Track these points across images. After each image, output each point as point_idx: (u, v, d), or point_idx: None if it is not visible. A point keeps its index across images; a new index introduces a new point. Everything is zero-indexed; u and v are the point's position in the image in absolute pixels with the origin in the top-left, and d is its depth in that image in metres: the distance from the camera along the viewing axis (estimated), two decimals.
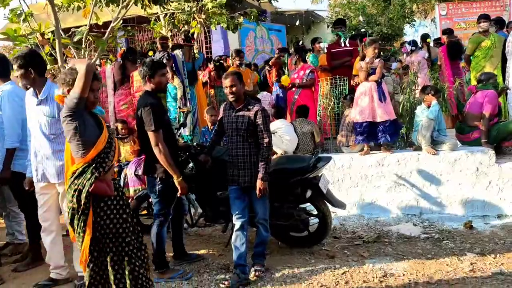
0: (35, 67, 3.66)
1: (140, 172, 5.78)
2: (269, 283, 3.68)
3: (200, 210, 4.83)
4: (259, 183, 3.71)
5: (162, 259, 3.97)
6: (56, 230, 3.85)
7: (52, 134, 3.67)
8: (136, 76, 6.41)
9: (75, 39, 4.93)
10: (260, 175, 3.71)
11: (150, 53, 7.21)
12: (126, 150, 6.34)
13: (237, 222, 3.79)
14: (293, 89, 6.90)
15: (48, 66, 4.90)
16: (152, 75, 3.85)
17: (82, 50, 5.05)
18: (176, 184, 3.77)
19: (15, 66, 3.66)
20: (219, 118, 4.22)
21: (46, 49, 4.83)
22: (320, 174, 4.35)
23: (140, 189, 5.63)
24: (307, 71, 6.86)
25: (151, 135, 3.69)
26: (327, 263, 4.02)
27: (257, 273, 3.79)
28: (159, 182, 3.85)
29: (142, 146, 4.02)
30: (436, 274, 3.69)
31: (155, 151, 3.68)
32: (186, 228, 5.00)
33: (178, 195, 3.89)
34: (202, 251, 4.52)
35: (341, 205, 4.43)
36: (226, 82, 3.81)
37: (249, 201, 3.86)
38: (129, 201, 5.54)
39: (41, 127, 3.67)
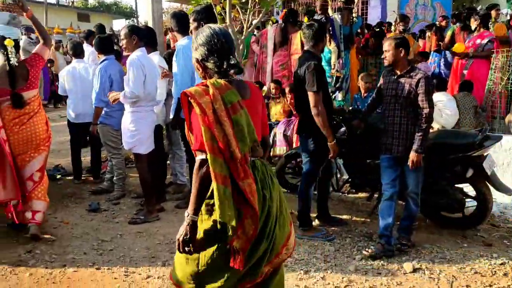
0: (206, 21, 3.89)
1: (289, 132, 5.95)
2: (415, 259, 3.52)
3: (345, 176, 4.80)
4: (412, 155, 3.49)
5: (307, 217, 4.07)
6: None
7: None
8: (295, 38, 6.49)
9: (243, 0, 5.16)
10: (415, 146, 3.49)
11: (305, 19, 7.18)
12: (277, 109, 6.55)
13: (386, 192, 3.66)
14: (464, 59, 6.19)
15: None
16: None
17: (248, 10, 5.26)
18: (329, 146, 3.79)
19: (191, 20, 3.99)
20: (378, 85, 4.06)
21: (217, 9, 5.15)
22: (485, 154, 3.95)
23: (284, 149, 5.81)
24: (485, 40, 6.06)
25: (311, 95, 3.72)
26: (483, 251, 3.69)
27: (402, 247, 3.66)
28: (311, 142, 3.90)
29: (298, 104, 4.07)
30: None
31: (313, 111, 3.71)
32: (330, 192, 5.02)
33: (329, 157, 3.91)
34: (344, 217, 4.51)
35: (507, 191, 3.99)
36: (384, 46, 3.65)
37: (401, 172, 3.69)
38: (276, 159, 5.81)
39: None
